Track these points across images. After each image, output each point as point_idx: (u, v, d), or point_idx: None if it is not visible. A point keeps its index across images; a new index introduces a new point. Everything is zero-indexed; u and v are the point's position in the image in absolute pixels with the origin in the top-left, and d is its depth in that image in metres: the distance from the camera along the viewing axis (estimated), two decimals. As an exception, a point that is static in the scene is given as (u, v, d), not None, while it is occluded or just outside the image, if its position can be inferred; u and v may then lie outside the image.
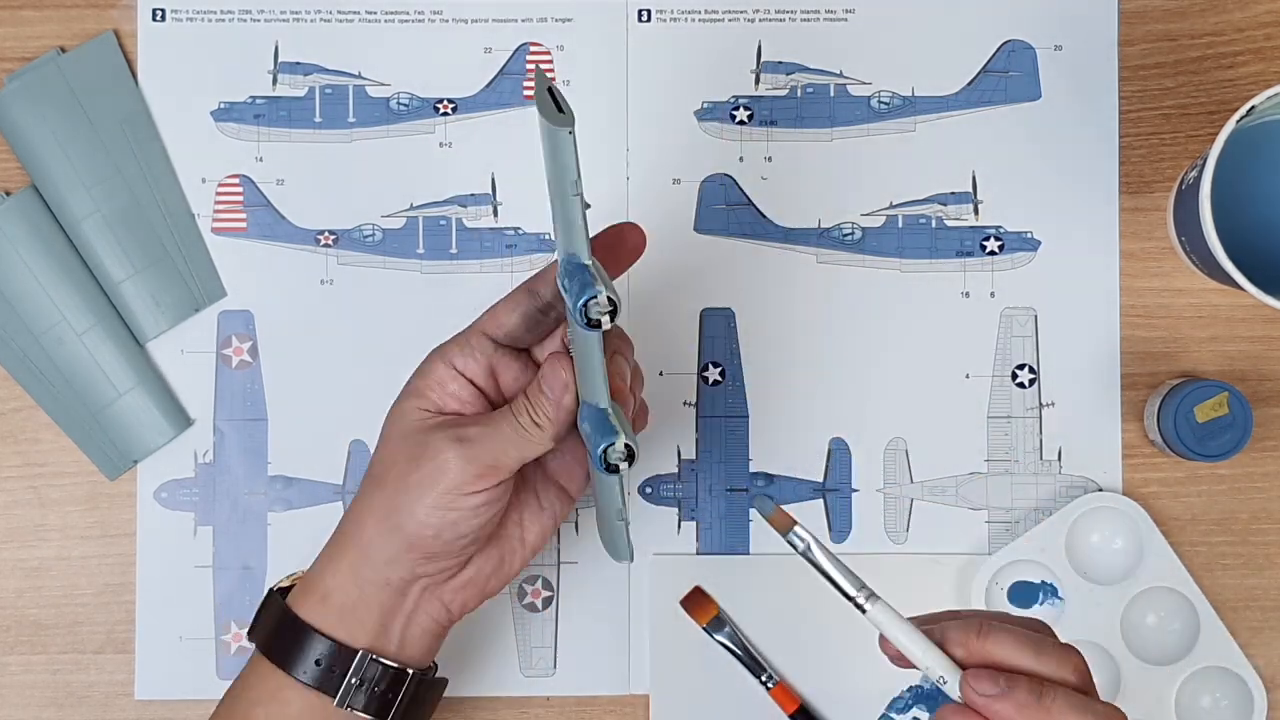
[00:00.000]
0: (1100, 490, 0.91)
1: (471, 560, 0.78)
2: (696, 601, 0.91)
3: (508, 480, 0.76)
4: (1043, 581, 0.91)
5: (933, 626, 0.69)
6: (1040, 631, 0.70)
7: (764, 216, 0.93)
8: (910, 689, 0.91)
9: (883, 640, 0.70)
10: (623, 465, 0.75)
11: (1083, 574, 0.90)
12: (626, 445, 0.74)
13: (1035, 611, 0.90)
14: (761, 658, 0.91)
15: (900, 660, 0.70)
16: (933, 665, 0.68)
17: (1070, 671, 0.68)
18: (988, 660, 0.68)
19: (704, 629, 0.91)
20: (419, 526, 0.75)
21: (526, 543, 0.80)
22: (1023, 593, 0.90)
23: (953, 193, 0.93)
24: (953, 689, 0.68)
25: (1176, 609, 0.90)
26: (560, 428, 0.77)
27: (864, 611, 0.69)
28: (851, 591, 0.69)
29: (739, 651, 0.91)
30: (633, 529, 0.92)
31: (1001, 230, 0.93)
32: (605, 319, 0.69)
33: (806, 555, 0.70)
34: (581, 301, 0.68)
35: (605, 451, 0.74)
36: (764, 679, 0.91)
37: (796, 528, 0.70)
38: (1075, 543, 0.91)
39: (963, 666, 0.68)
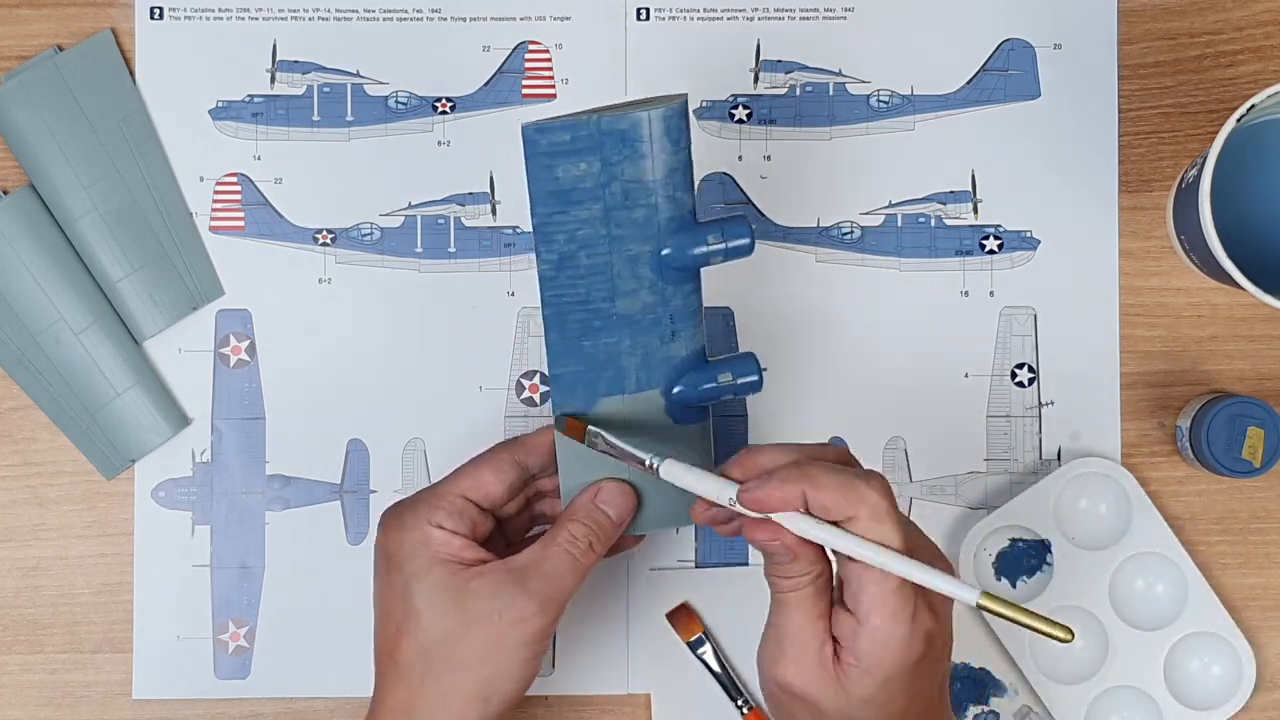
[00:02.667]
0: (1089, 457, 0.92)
1: None
2: (682, 618, 0.91)
3: None
4: (1030, 546, 0.91)
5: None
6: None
7: (763, 215, 0.93)
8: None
9: (694, 508, 0.74)
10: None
11: (1071, 539, 0.91)
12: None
13: (1024, 579, 0.90)
14: (740, 681, 0.91)
15: (707, 516, 0.74)
16: (718, 491, 0.72)
17: (834, 456, 0.72)
18: (761, 470, 0.72)
19: (687, 645, 0.91)
20: (517, 685, 0.76)
21: None
22: (1012, 559, 0.90)
23: (952, 192, 0.93)
24: (741, 512, 0.72)
25: (1164, 574, 0.91)
26: (608, 546, 0.78)
27: (656, 472, 0.73)
28: (644, 456, 0.74)
29: (718, 672, 0.90)
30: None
31: (1001, 229, 0.93)
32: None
33: (603, 448, 0.75)
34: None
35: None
36: (739, 703, 0.90)
37: (589, 428, 0.76)
38: (1063, 508, 0.91)
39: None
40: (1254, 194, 0.88)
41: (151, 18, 0.92)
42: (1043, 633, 0.68)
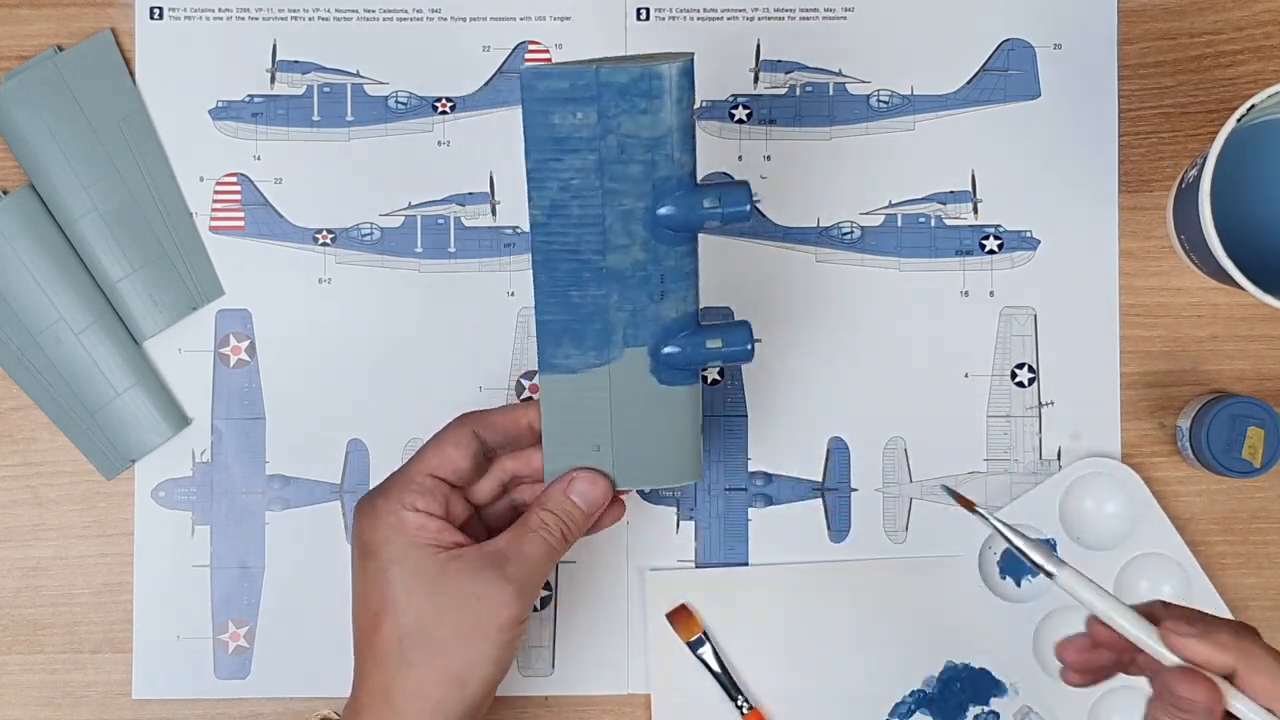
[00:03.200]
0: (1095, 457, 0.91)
1: None
2: (682, 618, 0.91)
3: None
4: None
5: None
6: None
7: (763, 215, 0.93)
8: (913, 693, 0.92)
9: (1060, 648, 0.72)
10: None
11: (1076, 539, 0.91)
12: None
13: (1028, 578, 0.91)
14: (740, 681, 0.91)
15: (1082, 678, 0.72)
16: (1128, 624, 0.70)
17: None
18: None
19: (687, 645, 0.91)
20: (494, 668, 0.76)
21: None
22: (1016, 558, 0.90)
23: (952, 192, 0.93)
24: (1152, 646, 0.70)
25: (1169, 575, 0.91)
26: (580, 535, 0.78)
27: (1052, 577, 0.71)
28: (1038, 556, 0.71)
29: (718, 672, 0.90)
30: (632, 530, 0.92)
31: (1001, 229, 0.93)
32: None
33: (997, 529, 0.72)
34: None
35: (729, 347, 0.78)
36: (739, 703, 0.90)
37: (977, 507, 0.74)
38: (1069, 508, 0.91)
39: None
40: (1254, 194, 0.88)
41: (151, 18, 0.92)
42: None
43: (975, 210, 0.93)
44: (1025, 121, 0.93)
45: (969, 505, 0.73)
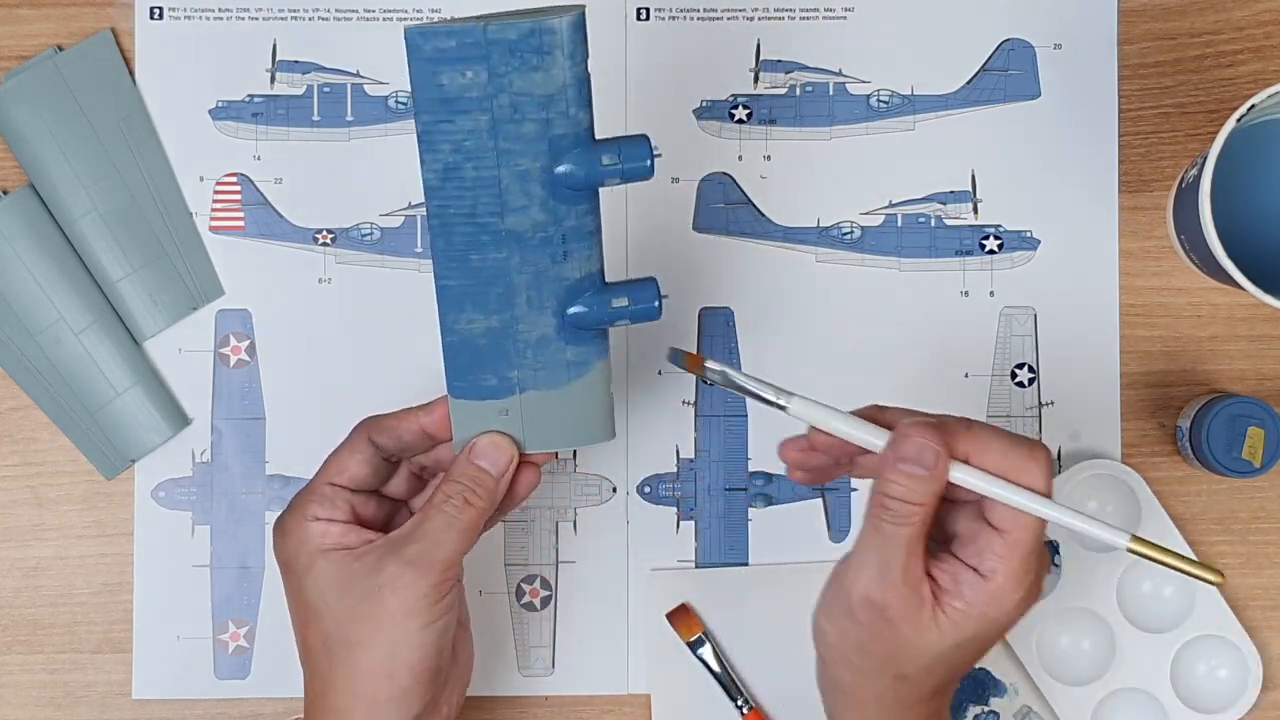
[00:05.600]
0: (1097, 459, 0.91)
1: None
2: (682, 618, 0.91)
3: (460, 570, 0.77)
4: None
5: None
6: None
7: (763, 215, 0.93)
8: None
9: (784, 447, 0.75)
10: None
11: (1079, 540, 0.91)
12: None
13: None
14: (740, 681, 0.91)
15: (805, 475, 0.75)
16: (864, 434, 0.72)
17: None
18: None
19: (687, 645, 0.91)
20: (420, 653, 0.75)
21: (462, 619, 0.81)
22: None
23: (952, 191, 0.93)
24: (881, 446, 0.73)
25: (1171, 576, 0.90)
26: (495, 502, 0.78)
27: (785, 409, 0.73)
28: (770, 395, 0.73)
29: (718, 672, 0.90)
30: (632, 530, 0.92)
31: (1001, 229, 0.93)
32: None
33: (725, 382, 0.73)
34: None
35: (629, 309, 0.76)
36: (739, 703, 0.90)
37: (708, 362, 0.74)
38: None
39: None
40: (1254, 194, 0.88)
41: (151, 18, 0.92)
42: (1193, 575, 0.71)
43: (975, 210, 0.93)
44: (1025, 121, 0.93)
45: (699, 366, 0.74)
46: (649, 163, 0.74)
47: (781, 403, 0.73)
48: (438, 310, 0.76)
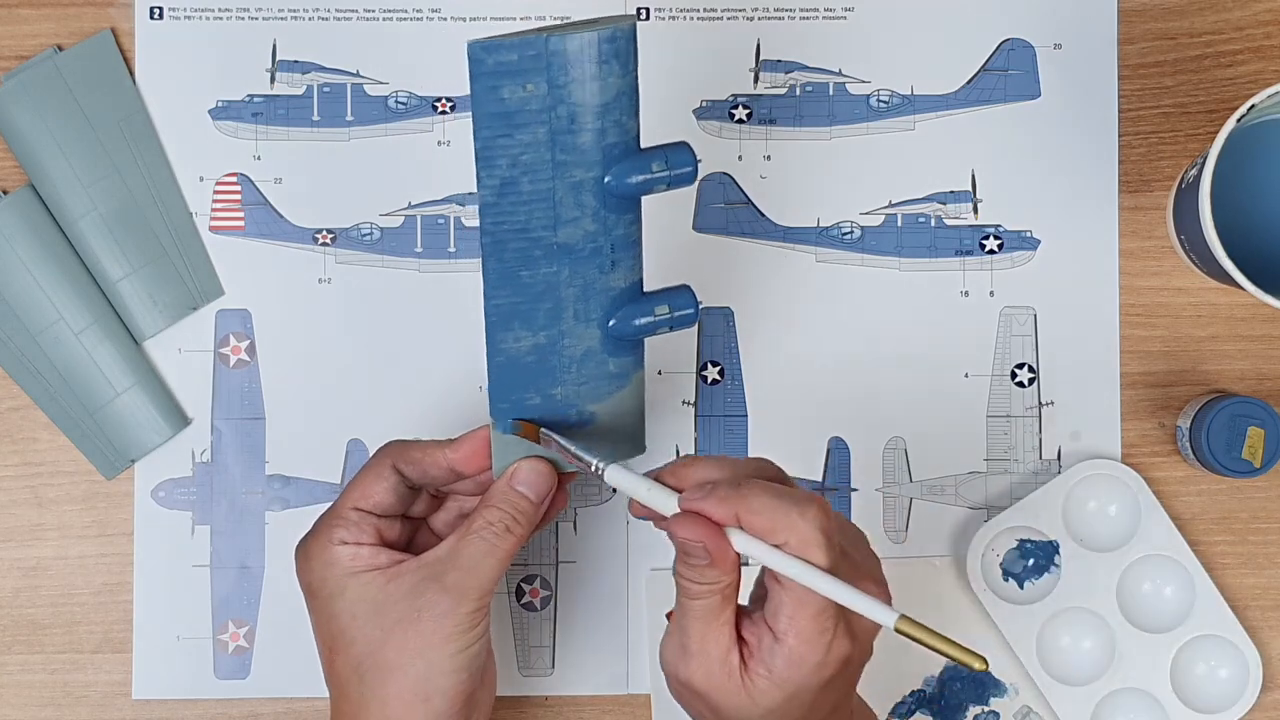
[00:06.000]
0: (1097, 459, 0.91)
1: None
2: None
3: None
4: (1039, 547, 0.91)
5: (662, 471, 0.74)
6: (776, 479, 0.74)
7: (763, 215, 0.93)
8: (912, 693, 0.92)
9: (631, 503, 0.75)
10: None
11: (1079, 541, 0.90)
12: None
13: (1032, 580, 0.90)
14: None
15: (643, 513, 0.74)
16: (656, 499, 0.73)
17: (771, 474, 0.74)
18: (697, 482, 0.73)
19: None
20: (455, 679, 0.75)
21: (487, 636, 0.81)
22: (1017, 560, 0.90)
23: (952, 191, 0.93)
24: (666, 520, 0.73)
25: (1172, 576, 0.90)
26: (533, 527, 0.78)
27: (602, 476, 0.74)
28: (591, 460, 0.75)
29: None
30: (632, 530, 0.92)
31: (1001, 229, 0.93)
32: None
33: (555, 449, 0.76)
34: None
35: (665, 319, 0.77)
36: None
37: (541, 431, 0.76)
38: (1072, 509, 0.91)
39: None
40: (1254, 194, 0.88)
41: (151, 18, 0.92)
42: (958, 660, 0.68)
43: (975, 210, 0.93)
44: (1025, 121, 0.93)
45: (534, 434, 0.76)
46: (693, 169, 0.74)
47: (598, 470, 0.75)
48: (486, 330, 0.76)
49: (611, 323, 0.77)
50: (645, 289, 0.78)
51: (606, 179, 0.73)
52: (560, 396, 0.78)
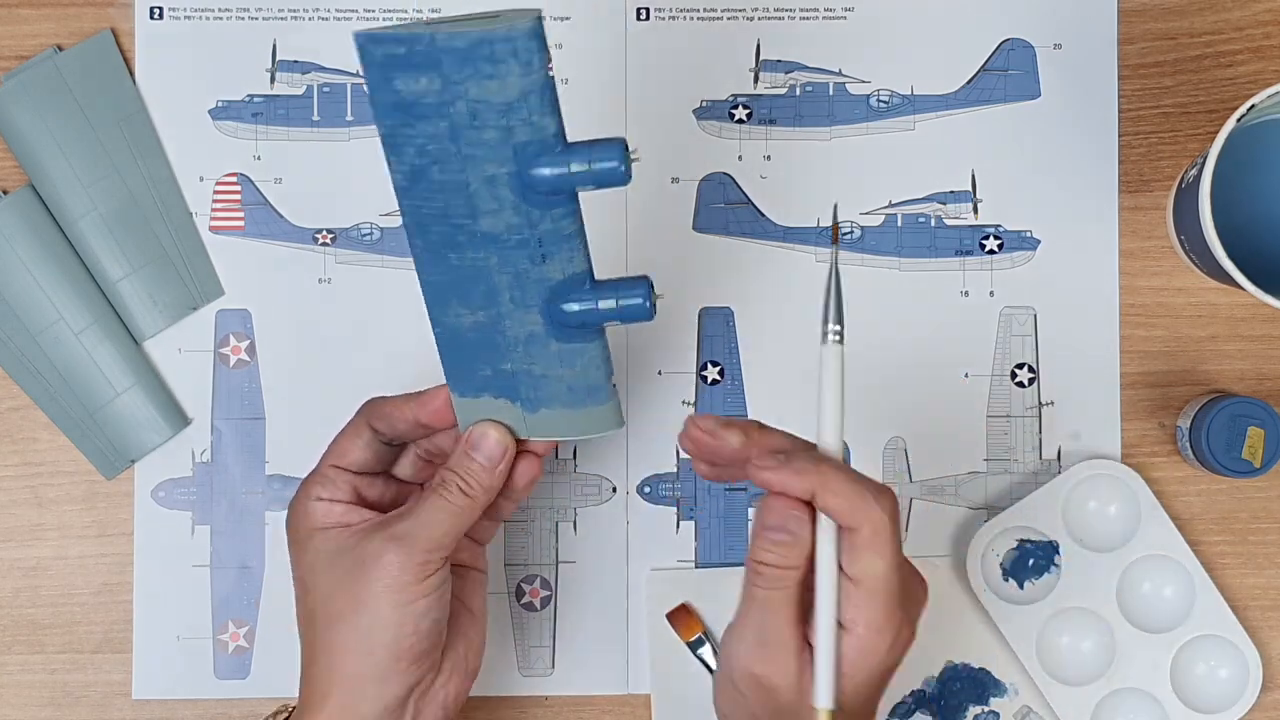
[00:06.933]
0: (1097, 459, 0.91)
1: (446, 648, 0.79)
2: (682, 618, 0.91)
3: (450, 555, 0.77)
4: (1039, 547, 0.91)
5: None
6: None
7: (763, 215, 0.93)
8: (912, 693, 0.92)
9: (682, 437, 0.74)
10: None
11: (1079, 541, 0.90)
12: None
13: (1032, 580, 0.90)
14: None
15: (708, 469, 0.74)
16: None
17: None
18: (769, 450, 0.72)
19: (687, 645, 0.91)
20: (396, 631, 0.75)
21: (475, 610, 0.81)
22: (1018, 560, 0.90)
23: (952, 192, 0.93)
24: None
25: (1172, 576, 0.90)
26: (493, 493, 0.78)
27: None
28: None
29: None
30: (632, 530, 0.92)
31: (1001, 229, 0.93)
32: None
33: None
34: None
35: (629, 303, 0.75)
36: None
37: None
38: (1072, 509, 0.91)
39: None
40: (1254, 194, 0.88)
41: (151, 18, 0.92)
42: None
43: (975, 210, 0.93)
44: (1025, 121, 0.93)
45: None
46: (622, 168, 0.71)
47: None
48: (426, 307, 0.77)
49: (555, 311, 0.75)
50: (603, 277, 0.76)
51: (525, 175, 0.71)
52: (511, 370, 0.77)
